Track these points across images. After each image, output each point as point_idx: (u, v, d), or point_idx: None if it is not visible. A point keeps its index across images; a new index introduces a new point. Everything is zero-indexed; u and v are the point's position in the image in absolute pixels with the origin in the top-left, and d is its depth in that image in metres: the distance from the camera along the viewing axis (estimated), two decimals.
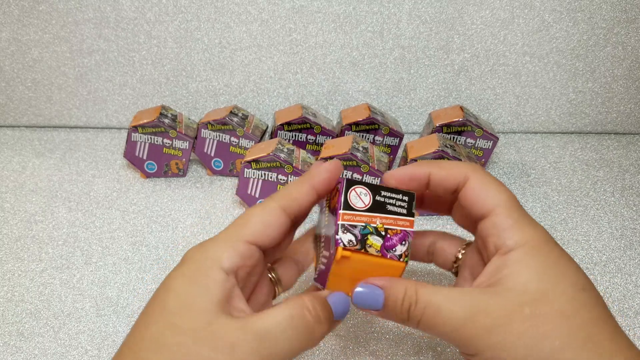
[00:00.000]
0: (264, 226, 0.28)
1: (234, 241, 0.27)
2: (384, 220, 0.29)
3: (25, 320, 0.42)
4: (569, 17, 0.58)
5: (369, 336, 0.41)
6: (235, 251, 0.27)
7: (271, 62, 0.61)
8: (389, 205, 0.30)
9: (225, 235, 0.28)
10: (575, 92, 0.64)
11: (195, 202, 0.54)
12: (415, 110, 0.65)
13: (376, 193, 0.30)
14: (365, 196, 0.30)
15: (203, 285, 0.26)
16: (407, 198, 0.30)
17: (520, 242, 0.27)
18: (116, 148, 0.62)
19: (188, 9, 0.57)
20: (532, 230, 0.27)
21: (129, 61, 0.60)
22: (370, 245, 0.29)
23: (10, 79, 0.61)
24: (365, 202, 0.30)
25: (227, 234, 0.28)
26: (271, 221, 0.28)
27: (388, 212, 0.30)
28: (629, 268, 0.48)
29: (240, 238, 0.28)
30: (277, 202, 0.29)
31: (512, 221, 0.28)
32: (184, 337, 0.24)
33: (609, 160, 0.62)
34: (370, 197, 0.30)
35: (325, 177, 0.30)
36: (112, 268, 0.46)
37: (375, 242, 0.29)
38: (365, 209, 0.29)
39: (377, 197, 0.30)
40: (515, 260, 0.27)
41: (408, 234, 0.29)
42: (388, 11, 0.57)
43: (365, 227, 0.29)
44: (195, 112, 0.64)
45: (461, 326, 0.26)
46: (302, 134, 0.56)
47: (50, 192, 0.55)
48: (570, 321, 0.25)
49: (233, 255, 0.27)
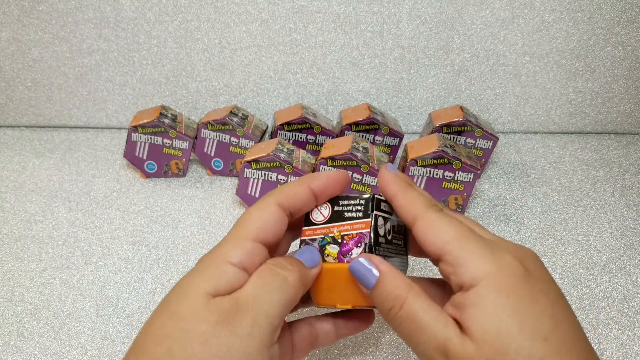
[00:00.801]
0: (262, 223, 0.29)
1: (239, 239, 0.28)
2: (341, 227, 0.30)
3: (25, 320, 0.42)
4: (569, 17, 0.58)
5: (369, 336, 0.41)
6: (242, 249, 0.28)
7: (271, 62, 0.61)
8: (346, 212, 0.30)
9: (230, 236, 0.29)
10: (575, 92, 0.64)
11: (195, 202, 0.54)
12: (415, 110, 0.65)
13: (335, 204, 0.31)
14: (324, 209, 0.31)
15: (207, 275, 0.26)
16: (363, 202, 0.30)
17: (477, 277, 0.25)
18: (116, 148, 0.62)
19: (188, 9, 0.57)
20: (488, 263, 0.25)
21: (129, 61, 0.60)
22: (327, 254, 0.30)
23: (10, 79, 0.61)
24: (324, 214, 0.31)
25: (231, 234, 0.29)
26: (269, 218, 0.29)
27: (345, 219, 0.30)
28: (629, 268, 0.48)
29: (244, 236, 0.28)
30: (273, 198, 0.29)
31: (466, 254, 0.25)
32: (184, 322, 0.25)
33: (609, 160, 0.62)
34: (330, 209, 0.31)
35: (323, 181, 0.30)
36: (112, 268, 0.46)
37: (332, 251, 0.30)
38: (325, 221, 0.31)
39: (336, 207, 0.31)
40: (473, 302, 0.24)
41: (364, 235, 0.29)
42: (388, 11, 0.57)
43: (324, 239, 0.30)
44: (195, 112, 0.64)
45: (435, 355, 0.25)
46: (302, 134, 0.56)
47: (50, 192, 0.55)
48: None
49: (240, 252, 0.27)
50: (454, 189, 0.51)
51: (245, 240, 0.28)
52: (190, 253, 0.48)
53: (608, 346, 0.41)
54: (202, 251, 0.48)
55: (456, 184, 0.50)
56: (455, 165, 0.49)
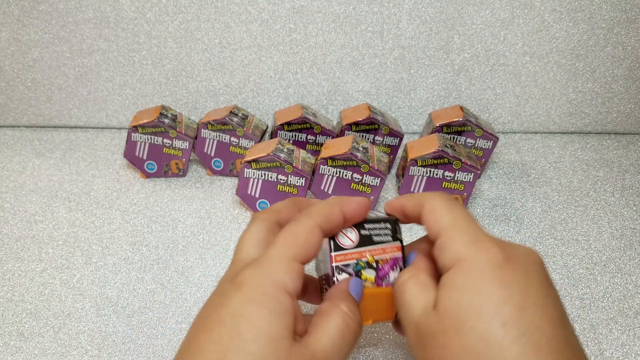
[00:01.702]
0: (309, 245, 0.28)
1: (290, 261, 0.27)
2: (373, 252, 0.31)
3: (25, 320, 0.42)
4: (569, 17, 0.58)
5: (369, 336, 0.41)
6: (295, 272, 0.27)
7: (271, 62, 0.61)
8: (375, 236, 0.31)
9: (279, 254, 0.27)
10: (575, 92, 0.64)
11: (195, 202, 0.54)
12: (415, 110, 0.65)
13: (360, 227, 0.31)
14: (351, 233, 0.31)
15: (276, 312, 0.25)
16: (389, 225, 0.32)
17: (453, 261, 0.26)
18: (116, 148, 0.62)
19: (188, 9, 0.57)
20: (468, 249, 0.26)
21: (129, 61, 0.60)
22: (365, 279, 0.30)
23: (10, 79, 0.61)
24: (352, 239, 0.31)
25: (280, 252, 0.27)
26: (314, 241, 0.28)
27: (375, 243, 0.31)
28: (629, 268, 0.48)
29: (294, 257, 0.27)
30: (315, 220, 0.29)
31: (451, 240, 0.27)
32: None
33: (609, 160, 0.62)
34: (356, 233, 0.31)
35: (355, 207, 0.30)
36: (112, 268, 0.46)
37: (370, 276, 0.31)
38: (354, 246, 0.31)
39: (362, 231, 0.31)
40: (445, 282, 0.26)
41: (397, 260, 0.31)
42: (388, 11, 0.57)
43: (357, 264, 0.30)
44: (195, 112, 0.64)
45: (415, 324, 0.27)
46: (302, 134, 0.56)
47: (50, 192, 0.55)
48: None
49: (295, 277, 0.27)
50: (454, 189, 0.51)
51: (294, 262, 0.27)
52: (190, 253, 0.48)
53: (608, 346, 0.41)
54: (202, 251, 0.48)
55: (456, 184, 0.50)
56: (455, 165, 0.49)
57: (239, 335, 0.25)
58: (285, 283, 0.26)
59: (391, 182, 0.58)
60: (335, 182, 0.50)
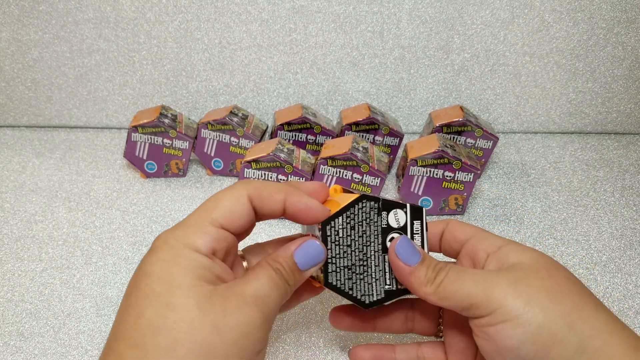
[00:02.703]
0: (231, 213, 0.28)
1: (205, 225, 0.27)
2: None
3: (25, 320, 0.42)
4: (569, 17, 0.58)
5: (369, 336, 0.41)
6: (208, 235, 0.27)
7: (271, 62, 0.61)
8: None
9: (195, 219, 0.28)
10: (575, 92, 0.64)
11: (195, 202, 0.54)
12: (415, 110, 0.65)
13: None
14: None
15: (189, 268, 0.26)
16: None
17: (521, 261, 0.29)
18: (116, 148, 0.62)
19: (188, 9, 0.57)
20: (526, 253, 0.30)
21: (129, 61, 0.60)
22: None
23: (10, 79, 0.61)
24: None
25: (197, 217, 0.28)
26: (238, 209, 0.28)
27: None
28: (629, 268, 0.48)
29: (210, 222, 0.27)
30: (246, 190, 0.29)
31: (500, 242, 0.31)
32: (186, 312, 0.24)
33: (609, 160, 0.62)
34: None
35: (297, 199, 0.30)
36: (112, 268, 0.46)
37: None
38: None
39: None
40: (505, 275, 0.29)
41: None
42: (388, 11, 0.57)
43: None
44: (195, 112, 0.64)
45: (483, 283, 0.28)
46: (302, 134, 0.56)
47: (50, 192, 0.55)
48: None
49: (207, 240, 0.27)
50: (454, 189, 0.51)
51: (210, 226, 0.27)
52: None
53: None
54: None
55: (456, 184, 0.50)
56: (455, 165, 0.49)
57: (152, 291, 0.25)
58: (196, 244, 0.27)
59: (391, 182, 0.58)
60: (335, 182, 0.50)
